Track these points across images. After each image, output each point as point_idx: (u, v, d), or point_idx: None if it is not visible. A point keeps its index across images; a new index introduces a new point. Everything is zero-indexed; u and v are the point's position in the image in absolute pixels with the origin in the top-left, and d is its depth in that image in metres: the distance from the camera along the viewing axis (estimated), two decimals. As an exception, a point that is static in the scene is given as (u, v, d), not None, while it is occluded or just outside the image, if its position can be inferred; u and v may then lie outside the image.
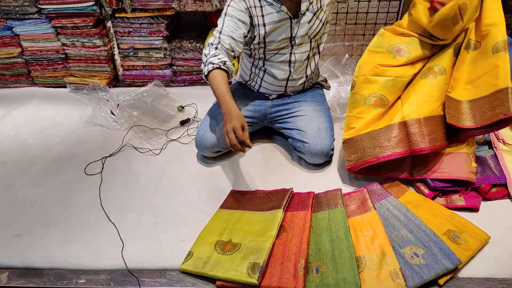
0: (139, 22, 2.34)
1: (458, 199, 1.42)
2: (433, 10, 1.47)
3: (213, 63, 1.49)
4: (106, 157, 1.83)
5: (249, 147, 1.39)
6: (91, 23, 2.30)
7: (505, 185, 1.45)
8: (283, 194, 1.48)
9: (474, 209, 1.40)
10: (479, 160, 1.54)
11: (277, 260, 1.24)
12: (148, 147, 1.89)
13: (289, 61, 1.69)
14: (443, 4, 1.42)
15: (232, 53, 1.56)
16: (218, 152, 1.76)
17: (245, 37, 1.57)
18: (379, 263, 1.19)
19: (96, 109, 2.15)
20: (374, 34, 2.35)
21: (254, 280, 1.16)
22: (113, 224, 1.46)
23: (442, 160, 1.48)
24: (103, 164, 1.79)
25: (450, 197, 1.44)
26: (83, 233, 1.44)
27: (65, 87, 2.50)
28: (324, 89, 1.95)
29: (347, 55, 2.34)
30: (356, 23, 2.36)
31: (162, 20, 2.33)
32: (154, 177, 1.70)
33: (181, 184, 1.66)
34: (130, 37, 2.40)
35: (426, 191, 1.48)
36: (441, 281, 1.16)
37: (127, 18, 2.32)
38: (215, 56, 1.51)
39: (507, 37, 1.81)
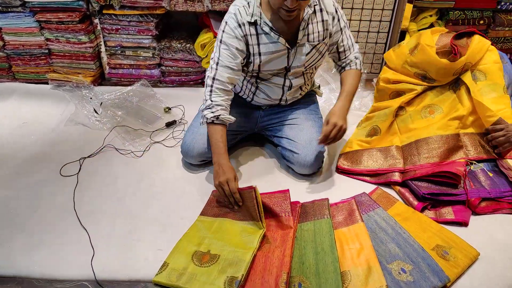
0: (128, 19, 2.27)
1: (448, 213, 1.38)
2: (447, 54, 1.65)
3: (207, 117, 1.49)
4: (85, 158, 1.75)
5: (239, 201, 1.39)
6: (77, 19, 2.23)
7: (494, 199, 1.41)
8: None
9: (464, 224, 1.35)
10: (468, 174, 1.50)
11: (258, 273, 1.17)
12: (130, 149, 1.81)
13: (283, 85, 1.63)
14: (461, 54, 1.60)
15: (230, 86, 1.51)
16: (203, 161, 1.69)
17: (242, 65, 1.51)
18: (365, 279, 1.13)
19: (79, 107, 2.07)
20: (366, 42, 2.34)
21: None
22: (85, 230, 1.37)
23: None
24: (80, 165, 1.70)
25: (439, 210, 1.40)
26: (51, 238, 1.35)
27: (47, 83, 2.41)
28: (316, 95, 1.90)
29: (339, 62, 2.30)
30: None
31: (151, 18, 2.26)
32: (133, 180, 1.62)
33: (161, 188, 1.58)
34: (117, 35, 2.33)
35: (415, 202, 1.43)
36: (429, 300, 1.11)
37: (115, 15, 2.25)
38: (209, 108, 1.49)
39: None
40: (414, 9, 2.19)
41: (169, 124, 2.00)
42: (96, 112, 2.03)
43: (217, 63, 1.48)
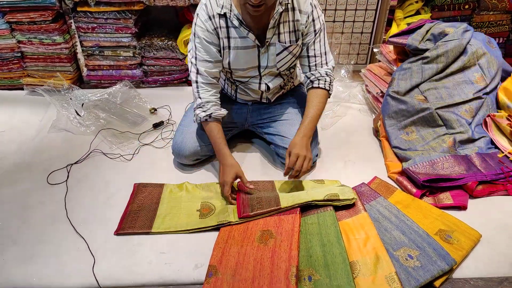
0: (104, 17, 2.18)
1: (446, 198, 1.40)
2: None
3: (200, 117, 1.50)
4: (72, 164, 1.67)
5: (231, 202, 1.42)
6: (50, 18, 2.12)
7: (490, 182, 1.45)
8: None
9: (462, 208, 1.38)
10: (464, 158, 1.53)
11: (266, 269, 1.16)
12: (119, 153, 1.75)
13: (259, 89, 1.61)
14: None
15: (214, 80, 1.50)
16: (197, 160, 1.65)
17: (219, 56, 1.48)
18: (374, 267, 1.13)
19: (59, 110, 1.96)
20: (352, 32, 2.34)
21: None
22: (82, 237, 1.31)
23: None
24: (68, 172, 1.62)
25: (438, 196, 1.42)
26: (46, 249, 1.28)
27: (22, 89, 2.29)
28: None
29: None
30: (334, 20, 2.32)
31: (130, 15, 2.18)
32: (126, 184, 1.56)
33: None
34: (94, 34, 2.23)
35: (414, 190, 1.45)
36: (437, 283, 1.12)
37: (91, 12, 2.16)
38: (200, 107, 1.50)
39: (485, 36, 1.85)
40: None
41: (157, 125, 1.94)
42: (78, 114, 1.94)
43: (196, 58, 1.47)
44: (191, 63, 1.49)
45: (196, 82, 1.49)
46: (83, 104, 2.01)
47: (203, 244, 1.28)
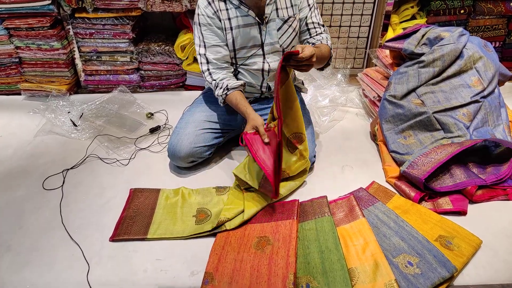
0: (102, 23, 2.18)
1: (445, 203, 1.38)
2: None
3: (220, 96, 1.56)
4: (68, 169, 1.65)
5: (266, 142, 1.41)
6: (48, 24, 2.12)
7: (489, 187, 1.43)
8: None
9: (462, 213, 1.37)
10: (453, 144, 1.51)
11: (263, 276, 1.14)
12: (115, 157, 1.73)
13: (262, 69, 1.62)
14: None
15: (225, 64, 1.57)
16: (193, 162, 1.64)
17: (224, 39, 1.55)
18: (373, 275, 1.11)
19: (55, 121, 1.96)
20: (348, 37, 2.34)
21: None
22: (77, 244, 1.29)
23: None
24: (64, 178, 1.61)
25: (437, 201, 1.41)
26: (40, 256, 1.26)
27: (19, 94, 2.28)
28: (302, 93, 1.89)
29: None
30: (330, 25, 2.33)
31: (127, 21, 2.18)
32: (122, 189, 1.54)
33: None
34: (92, 40, 2.23)
35: (412, 194, 1.43)
36: (437, 291, 1.11)
37: (88, 18, 2.16)
38: (217, 87, 1.56)
39: (481, 40, 1.85)
40: (395, 0, 2.21)
41: (153, 130, 1.93)
42: (74, 124, 1.93)
43: (204, 47, 1.54)
44: (200, 55, 1.56)
45: (208, 70, 1.56)
46: (82, 114, 2.00)
47: (199, 251, 1.27)
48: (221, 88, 1.54)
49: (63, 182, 1.58)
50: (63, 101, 2.10)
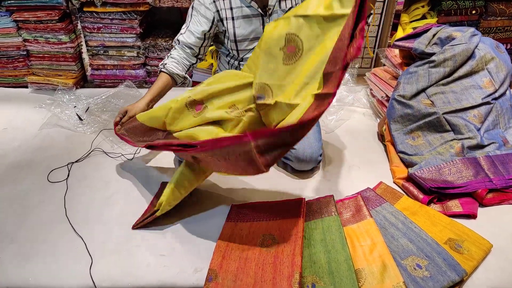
0: (110, 17, 2.17)
1: (455, 205, 1.36)
2: None
3: (159, 67, 1.61)
4: (73, 162, 1.64)
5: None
6: (56, 17, 2.12)
7: (500, 190, 1.40)
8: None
9: (472, 216, 1.34)
10: (471, 162, 1.49)
11: (268, 274, 1.12)
12: (120, 152, 1.72)
13: None
14: None
15: (190, 51, 1.60)
16: None
17: (205, 33, 1.56)
18: (381, 276, 1.09)
19: (61, 115, 1.96)
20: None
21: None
22: (80, 237, 1.28)
23: None
24: (69, 171, 1.60)
25: (446, 204, 1.38)
26: (44, 248, 1.25)
27: (26, 87, 2.28)
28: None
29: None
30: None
31: (135, 16, 2.17)
32: (127, 184, 1.53)
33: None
34: (100, 34, 2.23)
35: (421, 196, 1.41)
36: (446, 295, 1.08)
37: (97, 12, 2.15)
38: (166, 57, 1.61)
39: (493, 41, 1.82)
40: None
41: (159, 125, 1.92)
42: (80, 118, 1.92)
43: (186, 28, 1.59)
44: (180, 32, 1.60)
45: (174, 47, 1.61)
46: (88, 108, 1.99)
47: (203, 248, 1.25)
48: (163, 63, 1.59)
49: (68, 175, 1.57)
50: (69, 95, 2.09)
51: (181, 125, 1.38)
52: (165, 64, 1.58)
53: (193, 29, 1.56)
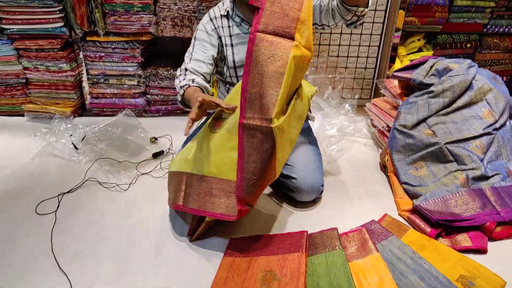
0: (112, 46, 2.19)
1: (464, 240, 1.30)
2: None
3: (182, 86, 1.43)
4: (64, 193, 1.58)
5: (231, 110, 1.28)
6: (59, 46, 2.13)
7: (509, 223, 1.35)
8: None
9: (482, 251, 1.27)
10: (477, 193, 1.44)
11: (268, 315, 1.04)
12: (115, 182, 1.67)
13: None
14: None
15: (201, 76, 1.52)
16: None
17: (214, 58, 1.53)
18: (390, 317, 1.02)
19: (56, 144, 1.92)
20: (356, 67, 2.34)
21: None
22: (65, 274, 1.20)
23: None
24: (59, 202, 1.53)
25: (455, 238, 1.32)
26: (25, 285, 1.17)
27: (23, 115, 2.26)
28: (309, 120, 1.84)
29: (330, 87, 2.28)
30: (338, 55, 2.33)
31: (137, 45, 2.19)
32: (120, 216, 1.47)
33: (151, 224, 1.44)
34: (101, 63, 2.23)
35: (428, 229, 1.35)
36: (460, 338, 1.00)
37: (99, 42, 2.17)
38: (184, 79, 1.45)
39: (490, 72, 1.83)
40: (402, 33, 2.22)
41: (156, 155, 1.88)
42: (75, 147, 1.88)
43: (190, 58, 1.51)
44: (184, 62, 1.51)
45: (184, 75, 1.46)
46: (84, 136, 1.96)
47: (198, 286, 1.17)
48: (187, 79, 1.43)
49: (58, 207, 1.50)
50: (66, 123, 2.07)
51: (206, 149, 1.33)
52: (193, 79, 1.44)
53: (200, 58, 1.49)
